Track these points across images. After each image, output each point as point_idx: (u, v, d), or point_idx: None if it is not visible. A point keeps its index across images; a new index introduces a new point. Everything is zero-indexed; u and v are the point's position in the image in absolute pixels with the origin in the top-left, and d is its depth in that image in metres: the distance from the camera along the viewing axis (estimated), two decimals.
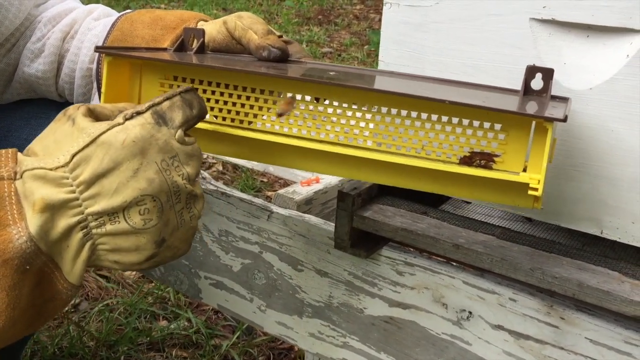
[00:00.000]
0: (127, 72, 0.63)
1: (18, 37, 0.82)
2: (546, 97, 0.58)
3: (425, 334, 0.77)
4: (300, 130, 0.58)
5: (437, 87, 0.62)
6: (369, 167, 0.57)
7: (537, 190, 0.50)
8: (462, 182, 0.55)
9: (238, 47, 0.70)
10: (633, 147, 0.62)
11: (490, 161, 0.53)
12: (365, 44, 3.81)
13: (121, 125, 0.51)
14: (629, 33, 0.60)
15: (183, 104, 0.55)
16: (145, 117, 0.52)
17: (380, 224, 0.73)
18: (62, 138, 0.51)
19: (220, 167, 2.17)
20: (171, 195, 0.52)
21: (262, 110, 0.59)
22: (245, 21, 0.69)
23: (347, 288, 0.82)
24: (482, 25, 0.66)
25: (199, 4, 4.64)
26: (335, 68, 0.69)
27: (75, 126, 0.51)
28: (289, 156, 0.60)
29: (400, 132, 0.55)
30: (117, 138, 0.50)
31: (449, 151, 0.54)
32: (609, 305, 0.61)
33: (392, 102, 0.55)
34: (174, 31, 0.74)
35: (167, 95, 0.55)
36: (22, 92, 0.85)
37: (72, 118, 0.52)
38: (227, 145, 0.62)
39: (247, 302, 0.94)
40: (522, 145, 0.52)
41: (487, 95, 0.59)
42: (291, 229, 0.85)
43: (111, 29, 0.77)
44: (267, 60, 0.67)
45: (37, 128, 0.86)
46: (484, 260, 0.67)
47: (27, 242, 0.48)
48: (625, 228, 0.64)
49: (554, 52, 0.64)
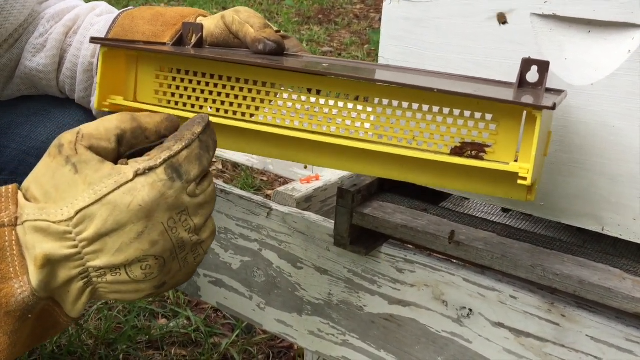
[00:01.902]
0: (122, 63, 0.63)
1: (21, 33, 0.82)
2: (541, 90, 0.57)
3: (426, 331, 0.76)
4: (293, 121, 0.58)
5: (431, 79, 0.62)
6: (363, 159, 0.57)
7: (526, 180, 0.49)
8: (455, 174, 0.54)
9: (236, 42, 0.71)
10: (634, 143, 0.61)
11: (481, 152, 0.52)
12: (365, 43, 3.81)
13: (130, 184, 0.48)
14: (630, 28, 0.59)
15: (201, 150, 0.51)
16: (158, 174, 0.49)
17: (380, 221, 0.73)
18: (65, 186, 0.49)
19: (220, 166, 2.17)
20: (175, 249, 0.51)
21: (255, 101, 0.59)
22: (243, 15, 0.69)
23: (347, 285, 0.82)
24: (483, 21, 0.66)
25: (198, 3, 4.64)
26: (330, 61, 0.69)
27: (80, 175, 0.49)
28: (283, 148, 0.60)
29: (391, 123, 0.55)
30: (124, 200, 0.48)
31: (440, 142, 0.54)
32: (610, 302, 0.60)
33: (383, 93, 0.54)
34: (174, 27, 0.74)
35: (186, 141, 0.50)
36: (23, 88, 0.85)
37: (72, 163, 0.49)
38: (224, 138, 0.62)
39: (246, 299, 0.93)
40: (513, 135, 0.52)
41: (479, 87, 0.59)
42: (290, 226, 0.85)
43: (112, 25, 0.77)
44: (263, 54, 0.67)
45: (38, 125, 0.85)
46: (485, 257, 0.67)
47: (29, 297, 0.48)
48: (627, 225, 0.64)
49: (555, 47, 0.63)
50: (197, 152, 0.51)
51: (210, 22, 0.72)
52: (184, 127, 0.52)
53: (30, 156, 0.84)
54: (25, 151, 0.84)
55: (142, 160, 0.50)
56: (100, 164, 0.49)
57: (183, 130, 0.52)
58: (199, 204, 0.52)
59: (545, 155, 0.60)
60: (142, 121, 0.52)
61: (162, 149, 0.51)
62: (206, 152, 0.52)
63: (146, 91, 0.63)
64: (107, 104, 0.63)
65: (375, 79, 0.54)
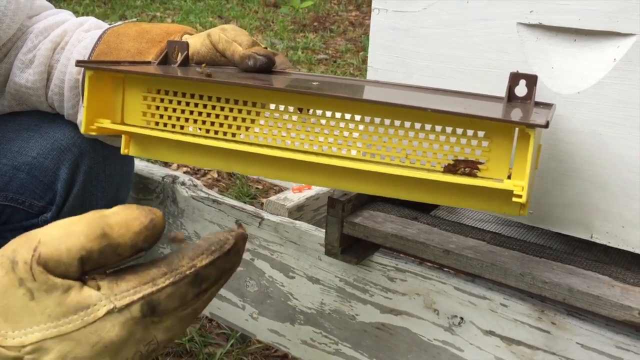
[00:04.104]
0: (109, 85, 0.62)
1: (10, 48, 0.82)
2: (530, 104, 0.58)
3: (417, 340, 0.76)
4: (285, 140, 0.58)
5: (421, 96, 0.62)
6: (354, 177, 0.57)
7: (521, 197, 0.49)
8: (449, 190, 0.54)
9: (222, 60, 0.70)
10: (621, 151, 0.62)
11: (474, 169, 0.52)
12: (360, 50, 3.82)
13: (99, 323, 0.42)
14: (615, 37, 0.60)
15: (190, 287, 0.44)
16: (132, 312, 0.43)
17: (371, 230, 0.73)
18: (18, 310, 0.42)
19: (215, 175, 2.17)
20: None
21: (245, 122, 0.59)
22: (229, 34, 0.68)
23: (339, 295, 0.82)
24: (470, 30, 0.66)
25: (194, 12, 4.65)
26: (319, 78, 0.69)
27: (37, 304, 0.42)
28: (273, 168, 0.59)
29: (384, 141, 0.54)
30: (89, 339, 0.42)
31: (433, 159, 0.53)
32: (599, 310, 0.60)
33: (375, 111, 0.54)
34: (160, 44, 0.74)
35: (176, 277, 0.44)
36: (14, 104, 0.85)
37: (27, 287, 0.42)
38: (214, 158, 0.61)
39: (239, 309, 0.93)
40: (505, 152, 0.52)
41: (470, 103, 0.59)
42: (282, 235, 0.85)
43: (98, 42, 0.77)
44: (253, 70, 0.66)
45: (29, 140, 0.85)
46: (474, 265, 0.67)
47: None
48: (615, 232, 0.64)
49: (541, 56, 0.64)
50: (184, 290, 0.44)
51: (196, 40, 0.71)
52: (192, 249, 0.45)
53: (21, 172, 0.83)
54: (16, 167, 0.83)
55: (118, 289, 0.43)
56: (63, 296, 0.42)
57: (185, 254, 0.45)
58: (168, 327, 0.45)
59: (537, 168, 0.60)
60: (114, 237, 0.43)
61: (143, 277, 0.43)
62: (197, 286, 0.45)
63: (134, 113, 0.62)
64: (94, 127, 0.62)
65: (367, 99, 0.54)
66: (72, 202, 0.85)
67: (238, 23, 4.27)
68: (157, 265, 0.44)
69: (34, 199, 0.84)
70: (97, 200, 0.87)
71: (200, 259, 0.44)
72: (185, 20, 4.26)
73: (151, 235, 0.44)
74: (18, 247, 0.43)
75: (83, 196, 0.86)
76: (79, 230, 0.43)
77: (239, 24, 4.24)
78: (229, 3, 5.03)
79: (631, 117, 0.60)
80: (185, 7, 4.75)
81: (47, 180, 0.83)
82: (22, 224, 0.84)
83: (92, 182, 0.86)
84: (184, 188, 0.96)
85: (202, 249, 0.45)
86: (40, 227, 0.44)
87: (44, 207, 0.84)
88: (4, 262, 0.43)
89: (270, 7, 4.94)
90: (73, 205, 0.85)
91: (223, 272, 0.46)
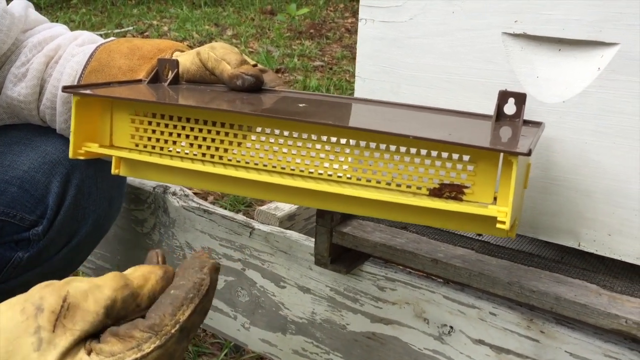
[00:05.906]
0: (97, 109, 0.62)
1: (3, 62, 0.82)
2: (519, 122, 0.58)
3: (408, 349, 0.76)
4: (271, 163, 0.58)
5: (409, 116, 0.62)
6: (341, 199, 0.57)
7: (504, 224, 0.49)
8: (434, 213, 0.54)
9: (212, 78, 0.70)
10: (606, 160, 0.62)
11: (460, 193, 0.52)
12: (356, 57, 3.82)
13: None
14: (599, 46, 0.60)
15: (176, 345, 0.44)
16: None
17: (360, 239, 0.73)
18: (19, 359, 0.42)
19: None
20: None
21: (232, 144, 0.59)
22: (218, 52, 0.68)
23: (330, 304, 0.82)
24: (456, 40, 0.67)
25: (191, 20, 4.66)
26: (308, 97, 0.68)
27: (38, 355, 0.42)
28: (261, 189, 0.59)
29: (369, 165, 0.54)
30: None
31: (418, 183, 0.53)
32: (586, 318, 0.60)
33: (360, 136, 0.54)
34: (151, 61, 0.74)
35: (162, 339, 0.43)
36: (6, 117, 0.85)
37: (39, 336, 0.42)
38: (201, 179, 0.61)
39: (231, 319, 0.93)
40: (491, 176, 0.51)
41: (457, 124, 0.59)
42: (273, 245, 0.85)
43: (89, 59, 0.77)
44: (242, 89, 0.66)
45: (20, 154, 0.85)
46: (462, 274, 0.67)
47: None
48: (602, 240, 0.64)
49: (526, 66, 0.64)
50: (171, 350, 0.44)
51: (186, 58, 0.72)
52: (170, 302, 0.45)
53: (12, 185, 0.83)
54: (7, 180, 0.83)
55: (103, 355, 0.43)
56: (60, 356, 0.42)
57: (165, 311, 0.44)
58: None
59: (525, 188, 0.60)
60: (134, 287, 0.46)
61: (128, 343, 0.43)
62: (184, 339, 0.45)
63: (122, 135, 0.62)
64: (82, 152, 0.61)
65: (351, 126, 0.54)
66: (63, 215, 0.85)
67: (234, 31, 4.28)
68: (139, 327, 0.43)
69: (25, 213, 0.83)
70: (88, 214, 0.87)
71: (181, 311, 0.44)
72: (182, 28, 4.27)
73: (167, 285, 0.46)
74: (47, 295, 0.43)
75: (74, 210, 0.86)
76: (103, 283, 0.44)
77: (235, 31, 4.25)
78: (225, 11, 5.04)
79: (615, 125, 0.60)
80: (181, 15, 4.76)
81: (39, 194, 0.83)
82: (13, 237, 0.84)
83: (83, 195, 0.86)
84: (175, 198, 0.96)
85: (180, 300, 0.45)
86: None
87: (35, 221, 0.84)
88: (28, 307, 0.43)
89: (267, 15, 4.95)
90: (64, 219, 0.85)
91: (205, 313, 0.46)
